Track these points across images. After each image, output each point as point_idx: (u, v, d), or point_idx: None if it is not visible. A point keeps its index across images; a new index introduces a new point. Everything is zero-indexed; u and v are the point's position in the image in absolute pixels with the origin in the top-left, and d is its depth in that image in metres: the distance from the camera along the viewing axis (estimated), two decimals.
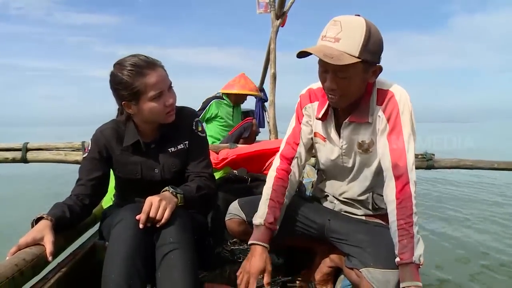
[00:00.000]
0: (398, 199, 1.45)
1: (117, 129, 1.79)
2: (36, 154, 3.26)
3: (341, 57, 1.36)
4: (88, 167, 1.78)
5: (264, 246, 1.61)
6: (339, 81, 1.45)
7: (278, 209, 1.67)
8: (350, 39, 1.38)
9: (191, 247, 1.53)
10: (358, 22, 1.40)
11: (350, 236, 1.63)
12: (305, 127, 1.74)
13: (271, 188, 1.70)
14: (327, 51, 1.38)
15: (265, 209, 1.66)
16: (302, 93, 1.76)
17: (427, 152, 3.36)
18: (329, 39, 1.41)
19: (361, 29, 1.38)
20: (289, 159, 1.74)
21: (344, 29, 1.39)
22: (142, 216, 1.48)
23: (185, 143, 1.84)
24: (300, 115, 1.76)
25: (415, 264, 1.38)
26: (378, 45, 1.42)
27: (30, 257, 1.41)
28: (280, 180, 1.71)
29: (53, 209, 1.63)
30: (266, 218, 1.64)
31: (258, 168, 2.69)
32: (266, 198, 1.68)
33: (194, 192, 1.72)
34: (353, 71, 1.41)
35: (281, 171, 1.72)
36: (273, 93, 4.02)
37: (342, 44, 1.38)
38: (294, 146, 1.74)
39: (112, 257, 1.43)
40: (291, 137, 1.76)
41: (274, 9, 3.98)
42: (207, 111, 4.28)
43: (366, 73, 1.45)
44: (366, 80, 1.49)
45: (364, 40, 1.37)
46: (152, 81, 1.62)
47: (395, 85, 1.57)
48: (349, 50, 1.38)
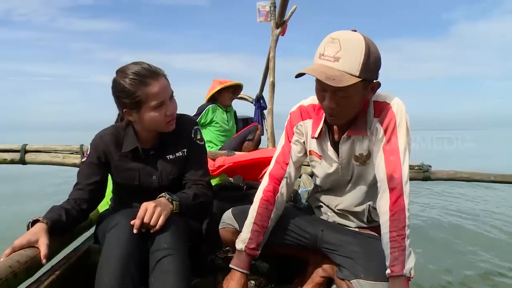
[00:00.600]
0: (391, 211, 1.45)
1: (116, 135, 1.81)
2: (35, 156, 3.28)
3: (342, 78, 1.33)
4: (86, 171, 1.79)
5: (243, 272, 1.64)
6: (338, 100, 1.42)
7: (262, 233, 1.68)
8: (350, 58, 1.35)
9: (184, 253, 1.54)
10: (357, 40, 1.37)
11: (343, 247, 1.63)
12: (295, 145, 1.72)
13: (256, 211, 1.69)
14: (327, 72, 1.35)
15: (247, 234, 1.67)
16: (293, 111, 1.74)
17: (423, 163, 3.38)
18: (328, 58, 1.37)
19: (361, 48, 1.35)
20: (278, 178, 1.72)
21: (343, 47, 1.36)
22: (137, 221, 1.49)
23: (184, 150, 1.85)
24: (290, 134, 1.74)
25: (405, 277, 1.39)
26: (377, 63, 1.41)
27: (24, 259, 1.41)
28: (265, 203, 1.69)
29: (49, 212, 1.64)
30: (247, 244, 1.65)
31: (254, 176, 2.70)
32: (250, 222, 1.68)
33: (190, 199, 1.74)
34: (353, 91, 1.39)
35: (267, 192, 1.70)
36: (271, 101, 4.04)
37: (342, 64, 1.35)
38: (284, 165, 1.72)
39: (106, 260, 1.44)
40: (280, 156, 1.74)
41: (274, 18, 4.01)
42: (203, 116, 4.27)
43: (365, 90, 1.44)
44: (365, 96, 1.48)
45: (364, 59, 1.35)
46: (154, 91, 1.63)
47: (391, 96, 1.57)
48: (350, 70, 1.35)
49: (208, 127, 4.35)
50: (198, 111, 4.33)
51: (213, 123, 4.33)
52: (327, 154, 1.66)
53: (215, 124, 4.33)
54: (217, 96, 4.37)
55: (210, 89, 4.38)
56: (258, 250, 1.68)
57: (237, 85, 4.50)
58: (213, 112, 4.31)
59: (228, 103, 4.56)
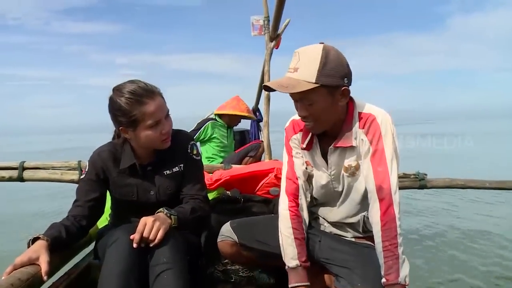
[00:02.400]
0: (382, 221, 1.49)
1: (114, 151, 1.83)
2: (33, 173, 3.28)
3: (296, 85, 1.45)
4: (85, 188, 1.81)
5: (306, 285, 1.64)
6: (307, 108, 1.52)
7: (304, 246, 1.70)
8: (306, 67, 1.46)
9: (183, 267, 1.56)
10: (315, 50, 1.47)
11: (339, 257, 1.66)
12: (297, 159, 1.76)
13: (291, 228, 1.70)
14: (284, 82, 1.49)
15: (294, 250, 1.67)
16: (287, 126, 1.80)
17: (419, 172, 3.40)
18: (290, 70, 1.50)
19: (317, 56, 1.45)
20: (294, 193, 1.74)
21: (301, 58, 1.48)
22: (136, 235, 1.51)
23: (181, 166, 1.88)
24: (289, 148, 1.78)
25: (400, 285, 1.42)
26: (337, 69, 1.47)
27: (26, 276, 1.43)
28: (296, 217, 1.71)
29: (49, 229, 1.65)
30: (299, 258, 1.66)
31: (251, 189, 2.72)
32: (292, 239, 1.69)
33: (188, 214, 1.76)
34: (316, 97, 1.48)
35: (292, 208, 1.73)
36: (267, 114, 4.06)
37: (299, 73, 1.47)
38: (295, 179, 1.75)
39: (107, 276, 1.46)
40: (289, 172, 1.77)
41: (268, 32, 4.05)
42: (202, 132, 4.29)
43: (332, 96, 1.50)
44: (336, 103, 1.53)
45: (320, 66, 1.44)
46: (150, 110, 1.66)
47: (376, 107, 1.61)
48: (306, 77, 1.45)
49: (207, 143, 4.38)
50: (197, 126, 4.35)
51: (214, 139, 4.35)
52: (318, 164, 1.70)
53: (215, 140, 4.36)
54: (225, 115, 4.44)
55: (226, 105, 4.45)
56: (309, 261, 1.69)
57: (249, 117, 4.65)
58: (213, 128, 4.34)
59: (233, 125, 4.64)
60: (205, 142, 4.38)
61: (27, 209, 7.03)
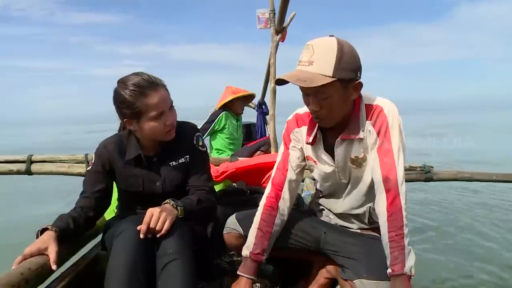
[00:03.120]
0: (388, 211, 1.49)
1: (119, 143, 1.85)
2: (40, 166, 3.32)
3: (314, 79, 1.41)
4: (92, 180, 1.83)
5: (249, 278, 1.68)
6: (321, 103, 1.49)
7: (266, 239, 1.71)
8: (322, 61, 1.43)
9: (190, 258, 1.57)
10: (329, 43, 1.45)
11: (345, 248, 1.66)
12: (293, 151, 1.76)
13: (259, 217, 1.73)
14: (300, 75, 1.44)
15: (252, 240, 1.71)
16: (289, 119, 1.80)
17: (425, 164, 3.40)
18: (304, 63, 1.46)
19: (333, 49, 1.43)
20: (279, 185, 1.76)
21: (316, 51, 1.45)
22: (143, 226, 1.52)
23: (186, 157, 1.89)
24: (287, 141, 1.78)
25: (406, 275, 1.42)
26: (352, 62, 1.46)
27: (35, 266, 1.46)
28: (269, 209, 1.73)
29: (57, 220, 1.68)
30: (252, 250, 1.70)
31: (257, 181, 2.73)
32: (255, 229, 1.72)
33: (194, 205, 1.77)
34: (331, 91, 1.45)
35: (270, 198, 1.75)
36: (273, 107, 4.06)
37: (315, 66, 1.44)
38: (284, 171, 1.76)
39: (114, 266, 1.48)
40: (281, 163, 1.79)
41: (274, 25, 4.04)
42: (217, 122, 4.31)
43: (346, 90, 1.49)
44: (348, 97, 1.52)
45: (336, 59, 1.42)
46: (153, 101, 1.67)
47: (382, 99, 1.61)
48: (322, 71, 1.42)
49: (218, 134, 4.39)
50: (211, 117, 4.37)
51: (225, 130, 4.37)
52: (322, 159, 1.70)
53: (226, 131, 4.38)
54: (229, 104, 4.43)
55: (222, 97, 4.44)
56: (263, 255, 1.71)
57: (250, 94, 4.59)
58: (226, 119, 4.37)
59: (240, 111, 4.63)
60: (216, 133, 4.39)
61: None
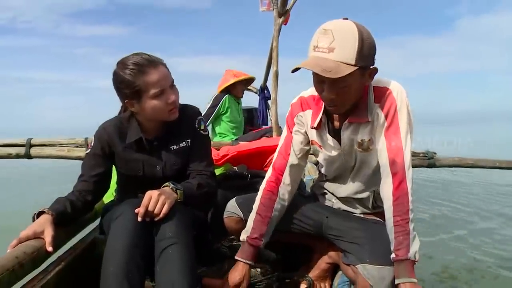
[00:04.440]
0: (394, 195, 1.45)
1: (120, 126, 1.81)
2: (40, 150, 3.31)
3: (338, 69, 1.33)
4: (90, 163, 1.79)
5: (246, 263, 1.66)
6: (338, 91, 1.41)
7: (265, 224, 1.69)
8: (344, 48, 1.35)
9: (189, 242, 1.55)
10: (349, 28, 1.36)
11: (347, 233, 1.64)
12: (296, 135, 1.73)
13: (259, 201, 1.71)
14: (323, 64, 1.34)
15: (250, 224, 1.69)
16: (293, 102, 1.74)
17: (428, 150, 3.37)
18: (323, 50, 1.36)
19: (354, 36, 1.35)
20: (280, 169, 1.73)
21: (336, 37, 1.35)
22: (141, 209, 1.50)
23: (188, 141, 1.85)
24: (290, 124, 1.74)
25: (410, 260, 1.39)
26: (371, 48, 1.40)
27: (31, 250, 1.44)
28: (268, 193, 1.71)
29: (55, 203, 1.65)
30: (250, 234, 1.68)
31: (258, 164, 2.70)
32: (254, 213, 1.70)
33: (194, 189, 1.74)
34: (351, 79, 1.38)
35: (270, 183, 1.72)
36: (275, 91, 4.01)
37: (337, 54, 1.35)
38: (286, 156, 1.73)
39: (112, 250, 1.46)
40: (283, 147, 1.75)
41: (276, 7, 3.97)
42: (221, 106, 4.28)
43: (363, 77, 1.44)
44: (364, 83, 1.48)
45: (358, 47, 1.34)
46: (153, 79, 1.63)
47: (391, 81, 1.56)
48: (345, 59, 1.34)
49: (222, 118, 4.37)
50: (214, 102, 4.33)
51: (228, 113, 4.35)
52: (327, 143, 1.66)
53: (229, 115, 4.35)
54: (230, 88, 4.39)
55: (223, 80, 4.40)
56: (261, 240, 1.69)
57: (250, 78, 4.56)
58: (229, 102, 4.34)
59: (241, 95, 4.62)
60: (221, 117, 4.37)
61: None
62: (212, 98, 4.38)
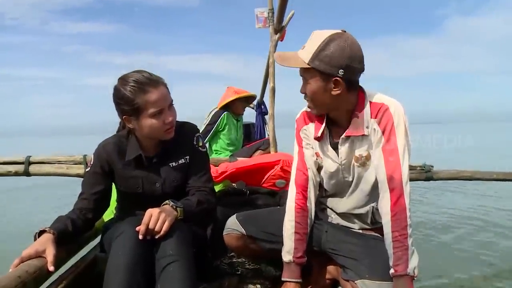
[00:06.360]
0: (392, 211, 1.47)
1: (119, 143, 1.82)
2: (39, 167, 3.31)
3: (290, 60, 1.55)
4: (90, 181, 1.80)
5: (297, 282, 1.67)
6: (304, 86, 1.58)
7: (304, 241, 1.71)
8: (309, 47, 1.52)
9: (190, 259, 1.55)
10: (323, 34, 1.50)
11: (347, 248, 1.65)
12: (307, 150, 1.75)
13: (294, 221, 1.71)
14: (283, 54, 1.61)
15: (291, 244, 1.69)
16: (298, 118, 1.79)
17: (425, 163, 3.39)
18: (301, 48, 1.56)
19: (321, 39, 1.48)
20: (303, 185, 1.74)
21: (310, 39, 1.53)
22: (142, 227, 1.50)
23: (186, 158, 1.87)
24: (299, 139, 1.78)
25: (409, 276, 1.40)
26: (335, 57, 1.47)
27: (33, 269, 1.43)
28: (301, 211, 1.71)
29: (55, 222, 1.65)
30: (294, 254, 1.68)
31: (257, 181, 2.71)
32: (291, 232, 1.70)
33: (194, 206, 1.75)
34: (309, 77, 1.55)
35: (299, 200, 1.73)
36: (272, 107, 4.03)
37: (302, 51, 1.54)
38: (305, 171, 1.74)
39: (113, 269, 1.46)
40: (299, 163, 1.77)
41: (272, 24, 4.01)
42: (219, 123, 4.26)
43: (325, 83, 1.52)
44: (329, 91, 1.53)
45: (318, 49, 1.48)
46: (153, 98, 1.65)
47: (388, 98, 1.60)
48: (304, 57, 1.52)
49: (220, 134, 4.35)
50: (213, 118, 4.31)
51: (225, 131, 4.33)
52: (328, 154, 1.69)
53: (227, 132, 4.34)
54: (230, 104, 4.39)
55: (224, 96, 4.40)
56: (305, 257, 1.70)
57: (251, 95, 4.58)
58: (227, 119, 4.33)
59: (241, 112, 4.60)
60: (218, 134, 4.35)
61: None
62: (210, 115, 4.38)
